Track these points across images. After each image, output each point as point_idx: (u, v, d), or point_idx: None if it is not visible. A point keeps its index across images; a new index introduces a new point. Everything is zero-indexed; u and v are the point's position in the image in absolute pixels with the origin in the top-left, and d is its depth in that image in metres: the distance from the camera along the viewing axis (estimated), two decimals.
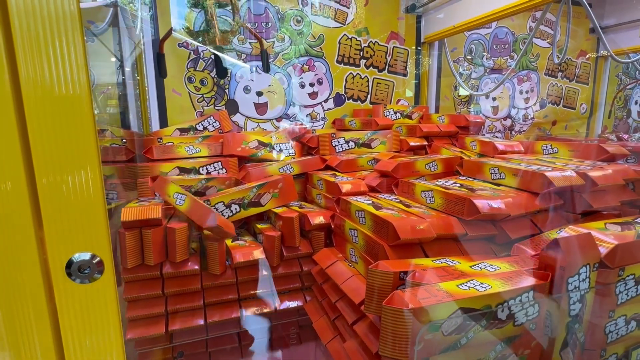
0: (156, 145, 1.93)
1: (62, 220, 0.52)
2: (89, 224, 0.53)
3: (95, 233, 0.53)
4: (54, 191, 0.52)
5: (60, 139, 0.52)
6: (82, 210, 0.53)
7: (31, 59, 0.51)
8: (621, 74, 3.65)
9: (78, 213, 0.53)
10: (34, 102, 0.51)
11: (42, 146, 0.51)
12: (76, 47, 0.52)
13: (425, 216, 1.25)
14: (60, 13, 0.50)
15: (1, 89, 0.50)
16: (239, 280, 1.50)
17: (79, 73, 0.52)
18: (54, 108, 0.52)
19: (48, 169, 0.52)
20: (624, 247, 1.01)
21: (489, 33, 3.01)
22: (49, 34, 0.50)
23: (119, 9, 1.99)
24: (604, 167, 1.40)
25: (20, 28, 0.49)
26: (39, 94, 0.51)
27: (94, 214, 0.53)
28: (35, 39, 0.50)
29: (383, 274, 0.99)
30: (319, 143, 2.15)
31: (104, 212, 0.54)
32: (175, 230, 1.36)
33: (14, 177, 0.51)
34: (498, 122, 3.23)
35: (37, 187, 0.52)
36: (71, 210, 0.53)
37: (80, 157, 0.52)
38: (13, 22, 0.49)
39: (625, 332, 1.09)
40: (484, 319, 0.88)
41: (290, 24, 2.41)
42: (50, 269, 0.53)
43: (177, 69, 2.22)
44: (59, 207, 0.52)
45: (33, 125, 0.51)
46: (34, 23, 0.50)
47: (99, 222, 0.54)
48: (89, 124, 0.53)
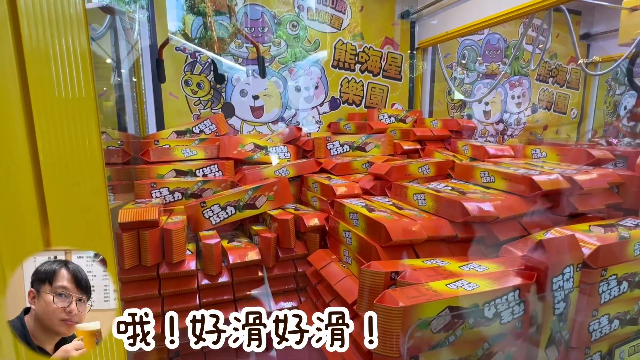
0: (153, 148, 1.95)
1: (67, 220, 0.55)
2: (92, 223, 0.56)
3: (98, 232, 0.56)
4: (60, 191, 0.54)
5: (67, 140, 0.54)
6: (86, 210, 0.55)
7: (39, 61, 0.53)
8: (610, 80, 3.73)
9: (82, 213, 0.55)
10: (42, 104, 0.54)
11: (49, 147, 0.54)
12: (82, 49, 0.54)
13: (416, 218, 1.28)
14: (67, 16, 0.53)
15: (11, 90, 0.52)
16: (234, 281, 1.52)
17: (85, 75, 0.55)
18: (60, 109, 0.54)
19: (55, 170, 0.54)
20: (606, 249, 1.05)
21: (481, 39, 3.07)
22: (56, 36, 0.53)
23: (115, 11, 2.01)
24: (589, 171, 1.45)
25: (29, 30, 0.52)
26: (46, 95, 0.53)
27: (97, 214, 0.56)
28: (43, 41, 0.53)
29: (375, 274, 1.02)
30: (314, 146, 2.19)
31: (107, 213, 0.57)
32: (172, 232, 1.38)
33: (22, 179, 0.53)
34: (490, 127, 3.29)
35: (43, 188, 0.54)
36: (76, 210, 0.55)
37: (86, 159, 0.55)
38: (22, 25, 0.52)
39: (608, 331, 1.12)
40: (471, 317, 0.91)
41: (287, 29, 2.45)
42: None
43: (174, 73, 2.24)
44: (65, 207, 0.55)
45: (41, 126, 0.54)
46: (42, 26, 0.52)
47: (103, 222, 0.56)
48: (94, 124, 0.56)
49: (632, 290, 1.13)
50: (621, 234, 1.14)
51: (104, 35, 2.01)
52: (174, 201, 1.79)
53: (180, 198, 1.79)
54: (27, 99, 0.53)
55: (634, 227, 1.22)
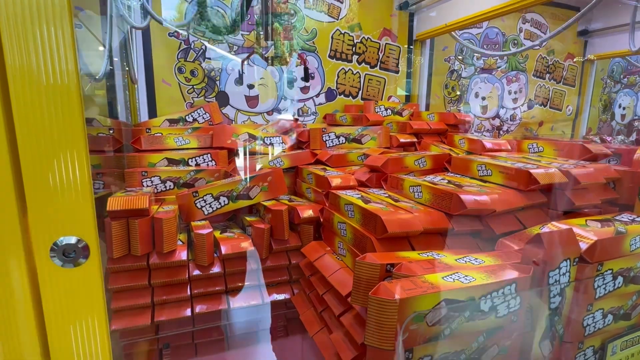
0: (145, 136, 1.90)
1: (46, 204, 0.52)
2: (74, 208, 0.52)
3: (80, 217, 0.53)
4: (38, 176, 0.51)
5: (46, 121, 0.51)
6: (68, 194, 0.52)
7: (17, 44, 0.49)
8: (606, 77, 3.74)
9: (63, 197, 0.52)
10: (21, 88, 0.50)
11: (27, 132, 0.50)
12: (64, 33, 0.51)
13: (413, 210, 1.26)
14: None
15: None
16: (226, 272, 1.49)
17: (66, 54, 0.51)
18: (40, 93, 0.50)
19: (34, 154, 0.51)
20: (603, 243, 1.05)
21: (479, 33, 3.04)
22: (37, 18, 0.49)
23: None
24: (586, 166, 1.44)
25: (6, 12, 0.48)
26: (25, 78, 0.50)
27: (80, 198, 0.53)
28: (22, 23, 0.49)
29: (370, 265, 1.00)
30: (310, 137, 2.16)
31: (91, 197, 0.53)
32: (162, 221, 1.34)
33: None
34: (487, 122, 3.28)
35: (21, 172, 0.51)
36: (56, 194, 0.52)
37: (67, 141, 0.51)
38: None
39: (602, 325, 1.12)
40: (467, 311, 0.90)
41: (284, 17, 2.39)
42: (34, 252, 0.52)
43: (167, 59, 2.19)
44: (44, 191, 0.52)
45: (19, 111, 0.50)
46: (21, 7, 0.48)
47: (85, 207, 0.53)
48: (76, 107, 0.52)
49: (626, 286, 1.12)
50: (618, 228, 1.13)
51: (94, 18, 1.95)
52: (166, 190, 1.75)
53: (172, 187, 1.76)
54: (5, 81, 0.50)
55: (631, 222, 1.21)
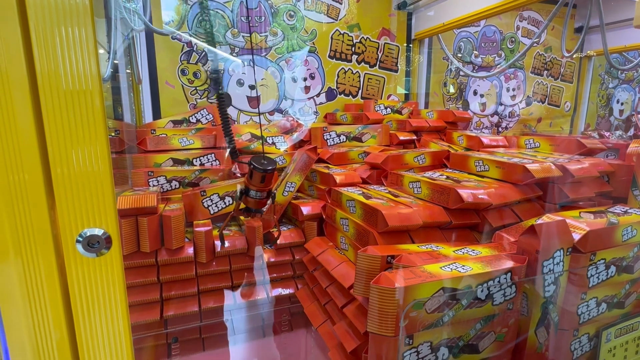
0: (150, 137, 1.95)
1: (73, 198, 0.56)
2: (98, 201, 0.57)
3: (104, 210, 0.57)
4: (65, 174, 0.55)
5: (72, 121, 0.55)
6: (93, 189, 0.57)
7: (45, 49, 0.53)
8: (604, 73, 3.77)
9: (89, 192, 0.57)
10: (49, 91, 0.54)
11: (55, 130, 0.55)
12: (87, 37, 0.55)
13: (412, 205, 1.31)
14: (74, 2, 0.53)
15: (18, 69, 0.53)
16: (232, 269, 1.54)
17: (90, 57, 0.56)
18: (67, 92, 0.55)
19: (61, 151, 0.55)
20: (595, 234, 1.09)
21: (477, 31, 3.08)
22: (63, 24, 0.53)
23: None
24: (581, 160, 1.48)
25: (35, 19, 0.53)
26: (52, 82, 0.54)
27: (103, 192, 0.57)
28: (50, 29, 0.53)
29: (371, 257, 1.04)
30: (311, 136, 2.20)
31: (112, 191, 0.58)
32: (171, 218, 1.39)
33: (29, 161, 0.54)
34: (485, 119, 3.32)
35: (50, 171, 0.56)
36: (82, 189, 0.56)
37: (91, 139, 0.56)
38: (30, 14, 0.52)
39: (596, 314, 1.16)
40: (464, 299, 0.94)
41: (283, 19, 2.44)
42: (62, 244, 0.57)
43: (170, 62, 2.23)
44: (70, 186, 0.56)
45: (48, 114, 0.54)
46: (49, 14, 0.53)
47: (108, 201, 0.58)
48: (98, 105, 0.57)
49: (619, 275, 1.16)
50: (610, 220, 1.17)
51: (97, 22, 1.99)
52: (171, 190, 1.80)
53: (177, 187, 1.80)
54: (34, 80, 0.54)
55: (623, 213, 1.25)
